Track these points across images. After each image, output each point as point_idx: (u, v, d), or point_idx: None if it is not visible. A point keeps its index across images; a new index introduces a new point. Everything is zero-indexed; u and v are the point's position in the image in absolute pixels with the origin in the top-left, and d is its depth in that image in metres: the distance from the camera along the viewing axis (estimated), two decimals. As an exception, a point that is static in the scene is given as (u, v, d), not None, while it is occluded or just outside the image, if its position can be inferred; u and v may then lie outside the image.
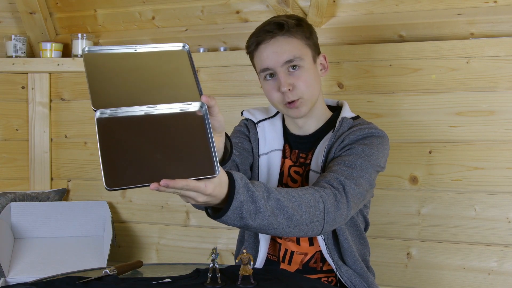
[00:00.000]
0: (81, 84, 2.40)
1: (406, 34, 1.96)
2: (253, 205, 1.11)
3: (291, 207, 1.18)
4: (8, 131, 2.43)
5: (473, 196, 1.84)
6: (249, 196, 1.10)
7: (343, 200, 1.29)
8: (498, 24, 1.83)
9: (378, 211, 1.92)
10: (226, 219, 1.09)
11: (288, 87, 1.42)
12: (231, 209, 1.07)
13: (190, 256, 2.23)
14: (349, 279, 1.45)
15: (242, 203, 1.08)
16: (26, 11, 2.35)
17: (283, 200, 1.17)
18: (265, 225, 1.15)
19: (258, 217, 1.12)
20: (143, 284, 1.19)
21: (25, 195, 2.32)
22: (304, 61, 1.44)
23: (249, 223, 1.12)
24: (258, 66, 1.48)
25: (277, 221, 1.16)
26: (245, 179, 1.11)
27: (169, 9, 2.27)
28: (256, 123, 1.58)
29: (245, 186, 1.09)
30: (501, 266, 1.81)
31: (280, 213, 1.16)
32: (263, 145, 1.56)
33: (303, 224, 1.21)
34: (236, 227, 1.14)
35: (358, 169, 1.36)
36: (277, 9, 1.99)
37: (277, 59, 1.43)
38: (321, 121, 1.53)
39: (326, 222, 1.26)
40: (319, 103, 1.52)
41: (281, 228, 1.18)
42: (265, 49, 1.44)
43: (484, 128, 1.82)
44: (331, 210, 1.26)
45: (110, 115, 0.97)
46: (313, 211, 1.23)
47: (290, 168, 1.53)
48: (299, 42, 1.45)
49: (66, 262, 2.11)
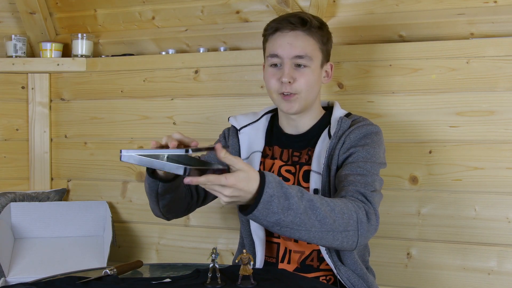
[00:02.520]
0: (81, 84, 2.40)
1: (406, 34, 1.96)
2: (286, 201, 1.14)
3: (323, 210, 1.21)
4: (8, 131, 2.42)
5: (473, 196, 1.84)
6: (282, 192, 1.14)
7: (371, 212, 1.33)
8: (498, 24, 1.83)
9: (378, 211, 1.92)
10: (257, 213, 1.13)
11: (289, 79, 1.46)
12: (261, 202, 1.11)
13: (190, 256, 2.23)
14: (348, 279, 1.45)
15: (272, 197, 1.12)
16: (26, 11, 2.35)
17: (316, 202, 1.20)
18: (297, 223, 1.17)
19: (290, 213, 1.15)
20: (143, 284, 1.19)
21: (25, 195, 2.32)
22: (312, 62, 1.48)
23: (281, 218, 1.14)
24: (268, 50, 1.51)
25: (310, 221, 1.19)
26: (277, 177, 1.16)
27: (169, 9, 2.27)
28: (239, 129, 1.60)
29: (277, 182, 1.14)
30: (501, 266, 1.81)
31: (313, 214, 1.19)
32: (244, 150, 1.58)
33: (337, 231, 1.23)
34: (269, 225, 1.17)
35: (370, 174, 1.40)
36: (277, 9, 1.99)
37: (289, 51, 1.46)
38: (314, 120, 1.56)
39: (360, 234, 1.29)
40: (314, 104, 1.55)
41: (314, 231, 1.20)
42: (281, 37, 1.48)
43: (484, 128, 1.82)
44: (363, 221, 1.29)
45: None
46: (346, 218, 1.25)
47: (281, 168, 1.54)
48: (315, 44, 1.49)
49: (66, 262, 2.11)
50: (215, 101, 2.18)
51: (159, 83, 2.27)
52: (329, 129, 1.52)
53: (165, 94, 2.26)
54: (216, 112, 2.17)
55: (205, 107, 2.19)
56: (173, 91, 2.25)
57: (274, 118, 1.64)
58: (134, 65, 2.30)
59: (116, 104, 2.34)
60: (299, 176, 1.52)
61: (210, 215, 2.18)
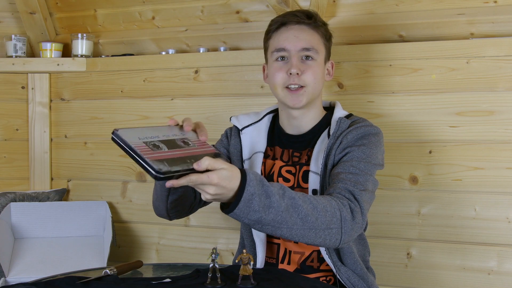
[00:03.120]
0: (81, 84, 2.40)
1: (406, 34, 1.96)
2: (267, 199, 1.14)
3: (305, 208, 1.20)
4: (8, 131, 2.43)
5: (473, 196, 1.84)
6: (263, 190, 1.14)
7: (357, 209, 1.32)
8: (498, 24, 1.83)
9: (378, 211, 1.92)
10: (238, 211, 1.13)
11: (298, 70, 1.47)
12: (242, 200, 1.11)
13: (190, 256, 2.23)
14: (348, 279, 1.45)
15: (253, 195, 1.12)
16: (26, 11, 2.35)
17: (298, 200, 1.20)
18: (279, 221, 1.17)
19: (271, 211, 1.15)
20: (143, 284, 1.19)
21: (25, 195, 2.32)
22: (318, 55, 1.50)
23: (262, 216, 1.14)
24: (273, 46, 1.52)
25: (292, 219, 1.18)
26: (259, 176, 1.15)
27: (169, 9, 2.27)
28: (241, 129, 1.60)
29: (258, 180, 1.13)
30: (501, 266, 1.81)
31: (295, 212, 1.18)
32: (246, 151, 1.58)
33: (319, 229, 1.23)
34: (251, 223, 1.17)
35: (363, 174, 1.39)
36: (277, 9, 1.99)
37: (296, 43, 1.48)
38: (316, 120, 1.56)
39: (344, 231, 1.28)
40: (317, 101, 1.54)
41: (296, 229, 1.20)
42: (287, 31, 1.50)
43: (484, 128, 1.82)
44: (348, 219, 1.29)
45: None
46: (329, 216, 1.25)
47: (281, 168, 1.54)
48: (319, 38, 1.52)
49: (66, 262, 2.11)
50: (215, 101, 2.18)
51: (159, 83, 2.27)
52: (329, 129, 1.52)
53: (165, 94, 2.26)
54: (216, 112, 2.17)
55: (205, 107, 2.19)
56: (173, 91, 2.25)
57: (275, 118, 1.64)
58: (134, 65, 2.30)
59: (116, 104, 2.34)
60: (299, 177, 1.52)
61: (210, 215, 2.18)
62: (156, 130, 1.20)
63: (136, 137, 1.17)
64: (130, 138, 1.17)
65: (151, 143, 1.16)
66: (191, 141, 1.22)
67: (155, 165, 1.10)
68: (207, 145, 1.23)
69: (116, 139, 1.17)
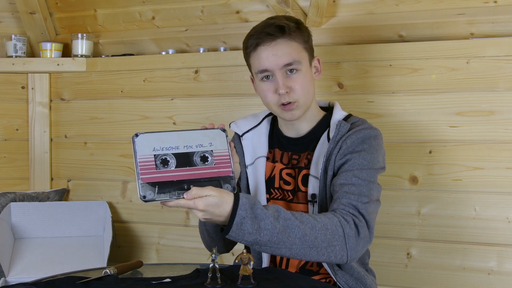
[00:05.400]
0: (81, 84, 2.40)
1: (406, 34, 1.96)
2: (261, 222, 1.19)
3: (303, 228, 1.24)
4: (8, 131, 2.43)
5: (473, 196, 1.84)
6: (253, 214, 1.19)
7: (362, 224, 1.33)
8: (498, 24, 1.83)
9: (378, 211, 1.91)
10: (233, 234, 1.19)
11: (285, 89, 1.44)
12: (234, 224, 1.17)
13: (190, 256, 2.23)
14: (346, 283, 1.45)
15: (244, 219, 1.18)
16: (26, 11, 2.35)
17: (295, 220, 1.24)
18: (275, 242, 1.22)
19: (265, 233, 1.20)
20: (143, 284, 1.20)
21: (25, 195, 2.32)
22: (302, 64, 1.46)
23: (257, 238, 1.20)
24: (255, 67, 1.48)
25: (289, 240, 1.22)
26: (252, 199, 1.21)
27: (169, 9, 2.27)
28: (241, 135, 1.59)
29: (251, 204, 1.19)
30: (501, 266, 1.81)
31: (292, 232, 1.22)
32: (249, 156, 1.57)
33: (320, 247, 1.26)
34: (248, 244, 1.23)
35: (366, 183, 1.39)
36: (277, 9, 1.99)
37: (276, 62, 1.44)
38: (314, 122, 1.54)
39: (349, 248, 1.29)
40: (312, 106, 1.53)
41: (296, 249, 1.24)
42: (264, 51, 1.45)
43: (484, 128, 1.82)
44: (351, 235, 1.30)
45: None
46: (330, 234, 1.27)
47: (282, 171, 1.54)
48: (298, 46, 1.46)
49: (66, 262, 2.11)
50: (215, 101, 2.18)
51: (159, 83, 2.27)
52: (328, 132, 1.51)
53: (165, 94, 2.26)
54: (216, 112, 2.17)
55: (205, 107, 2.19)
56: (173, 91, 2.25)
57: (274, 120, 1.63)
58: (134, 65, 2.30)
59: (116, 104, 2.34)
60: (298, 180, 1.51)
61: (210, 215, 2.17)
62: (181, 137, 1.19)
63: (151, 146, 1.17)
64: (143, 148, 1.17)
65: (162, 157, 1.16)
66: (212, 156, 1.21)
67: (142, 190, 1.13)
68: (228, 163, 1.22)
69: (132, 144, 1.17)
